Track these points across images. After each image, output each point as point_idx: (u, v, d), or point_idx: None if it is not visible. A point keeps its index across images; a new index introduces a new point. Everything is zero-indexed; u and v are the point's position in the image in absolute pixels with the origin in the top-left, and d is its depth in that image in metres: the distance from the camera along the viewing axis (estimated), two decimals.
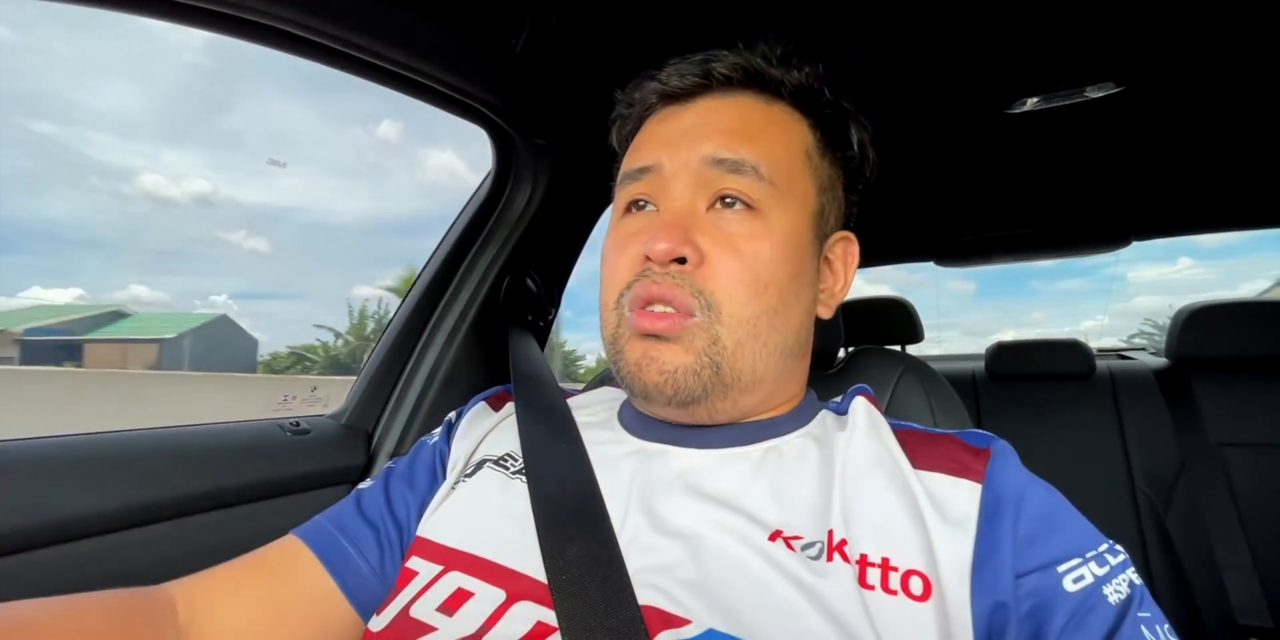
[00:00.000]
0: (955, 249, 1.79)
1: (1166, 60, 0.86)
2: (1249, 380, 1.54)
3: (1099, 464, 1.56)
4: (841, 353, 0.97)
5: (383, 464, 0.88)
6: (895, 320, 1.93)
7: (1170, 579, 1.43)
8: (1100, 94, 0.94)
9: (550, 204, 0.95)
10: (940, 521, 0.41)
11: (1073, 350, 1.71)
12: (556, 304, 1.05)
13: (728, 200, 0.49)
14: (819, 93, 0.55)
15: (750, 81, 0.54)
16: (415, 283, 0.96)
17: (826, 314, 0.55)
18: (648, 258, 0.47)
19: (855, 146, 0.57)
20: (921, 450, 0.47)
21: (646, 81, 0.56)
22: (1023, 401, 1.70)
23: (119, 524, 0.62)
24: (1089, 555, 0.41)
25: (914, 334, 1.94)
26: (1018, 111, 1.00)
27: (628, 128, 0.59)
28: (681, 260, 0.47)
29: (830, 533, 0.42)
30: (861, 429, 0.50)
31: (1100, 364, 1.71)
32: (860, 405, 0.53)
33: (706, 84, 0.54)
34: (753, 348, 0.47)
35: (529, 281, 0.97)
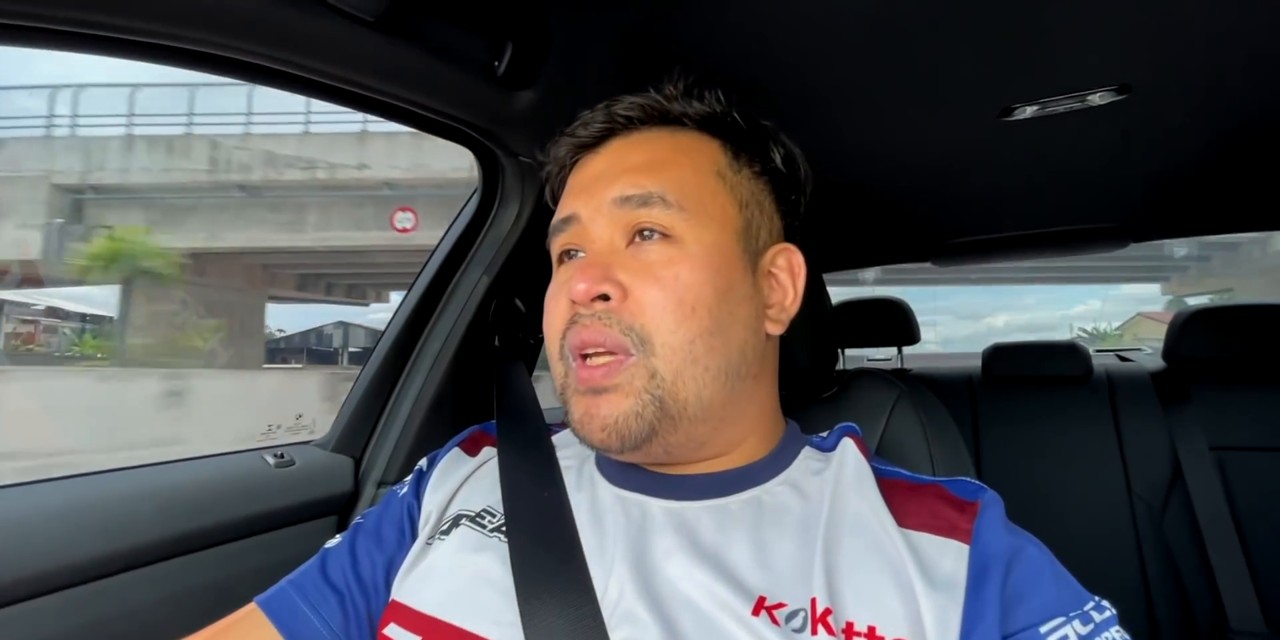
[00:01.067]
0: (951, 250, 1.77)
1: (1170, 66, 0.83)
2: (1246, 384, 1.53)
3: (1095, 467, 1.56)
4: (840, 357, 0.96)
5: (371, 491, 0.87)
6: (891, 321, 1.92)
7: (1165, 583, 1.43)
8: (1103, 102, 0.92)
9: (539, 223, 0.92)
10: (928, 587, 0.41)
11: (1070, 353, 1.70)
12: None
13: (645, 233, 0.49)
14: (725, 116, 0.55)
15: (653, 119, 0.55)
16: (401, 305, 0.94)
17: (777, 329, 0.54)
18: (574, 301, 0.47)
19: (779, 162, 0.57)
20: (908, 507, 0.47)
21: (561, 137, 0.57)
22: (1020, 405, 1.69)
23: (96, 573, 0.60)
24: (1072, 614, 0.41)
25: (910, 335, 1.93)
26: (1016, 119, 0.98)
27: (556, 184, 0.60)
28: (606, 298, 0.47)
29: (814, 601, 0.41)
30: (848, 479, 0.49)
31: (1097, 366, 1.70)
32: (849, 450, 0.52)
33: (611, 128, 0.55)
34: (693, 374, 0.46)
35: (518, 303, 0.95)
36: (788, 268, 0.55)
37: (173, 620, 0.65)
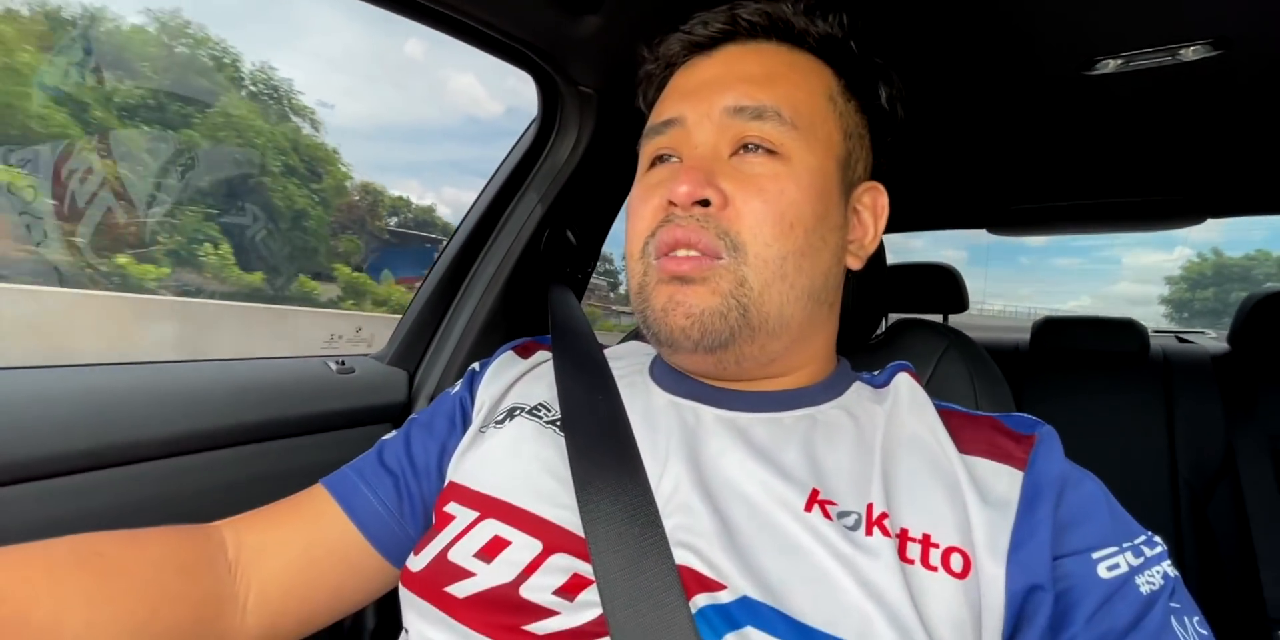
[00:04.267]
0: (1011, 217, 1.71)
1: (1274, 18, 0.77)
2: None
3: (1142, 449, 1.52)
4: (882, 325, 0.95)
5: (423, 404, 0.92)
6: (941, 287, 1.88)
7: (1203, 568, 1.40)
8: (1195, 57, 0.86)
9: (594, 155, 0.94)
10: (980, 503, 0.42)
11: (1126, 329, 1.64)
12: (596, 257, 1.05)
13: (750, 146, 0.49)
14: (844, 43, 0.54)
15: (774, 30, 0.53)
16: (458, 228, 0.97)
17: (856, 265, 0.54)
18: (671, 203, 0.47)
19: (883, 99, 0.56)
20: (965, 434, 0.47)
21: (672, 34, 0.56)
22: (1067, 380, 1.65)
23: (177, 449, 0.66)
24: (1125, 545, 0.41)
25: (960, 302, 1.88)
26: (1097, 74, 0.93)
27: (654, 85, 0.59)
28: (705, 203, 0.47)
29: (870, 506, 0.42)
30: (904, 405, 0.50)
31: (1155, 345, 1.64)
32: (903, 381, 0.53)
33: (731, 31, 0.54)
34: (780, 289, 0.47)
35: (569, 234, 0.97)
36: (872, 206, 0.55)
37: (236, 501, 0.70)
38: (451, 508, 0.49)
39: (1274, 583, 1.32)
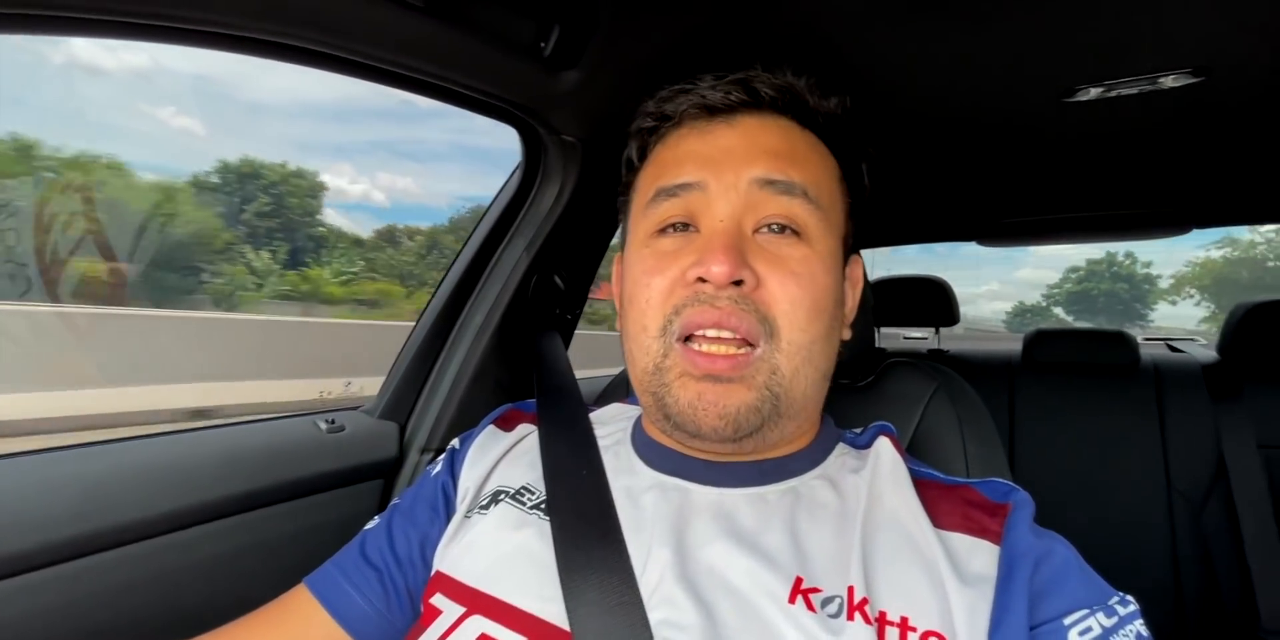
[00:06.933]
0: (1001, 230, 1.71)
1: (1254, 47, 0.78)
2: None
3: (1135, 460, 1.52)
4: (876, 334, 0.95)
5: (415, 457, 0.91)
6: (931, 301, 1.88)
7: (1197, 579, 1.41)
8: (1176, 84, 0.87)
9: (579, 201, 0.93)
10: (959, 583, 0.42)
11: (1116, 341, 1.65)
12: (584, 299, 1.04)
13: (775, 225, 0.48)
14: (846, 124, 0.55)
15: (790, 106, 0.53)
16: (444, 278, 0.96)
17: (848, 335, 0.56)
18: (700, 280, 0.46)
19: (865, 178, 0.57)
20: (942, 506, 0.48)
21: (680, 94, 0.54)
22: (1060, 393, 1.65)
23: (164, 528, 0.65)
24: (1096, 607, 0.41)
25: (950, 315, 1.89)
26: (1079, 101, 0.93)
27: (652, 139, 0.57)
28: (738, 283, 0.46)
29: (850, 590, 0.42)
30: (885, 477, 0.50)
31: (1145, 356, 1.65)
32: (885, 449, 0.52)
33: (749, 102, 0.52)
34: (806, 373, 0.47)
35: (557, 279, 0.97)
36: (851, 277, 0.56)
37: (231, 574, 0.70)
38: (438, 600, 0.48)
39: (1268, 594, 1.32)
